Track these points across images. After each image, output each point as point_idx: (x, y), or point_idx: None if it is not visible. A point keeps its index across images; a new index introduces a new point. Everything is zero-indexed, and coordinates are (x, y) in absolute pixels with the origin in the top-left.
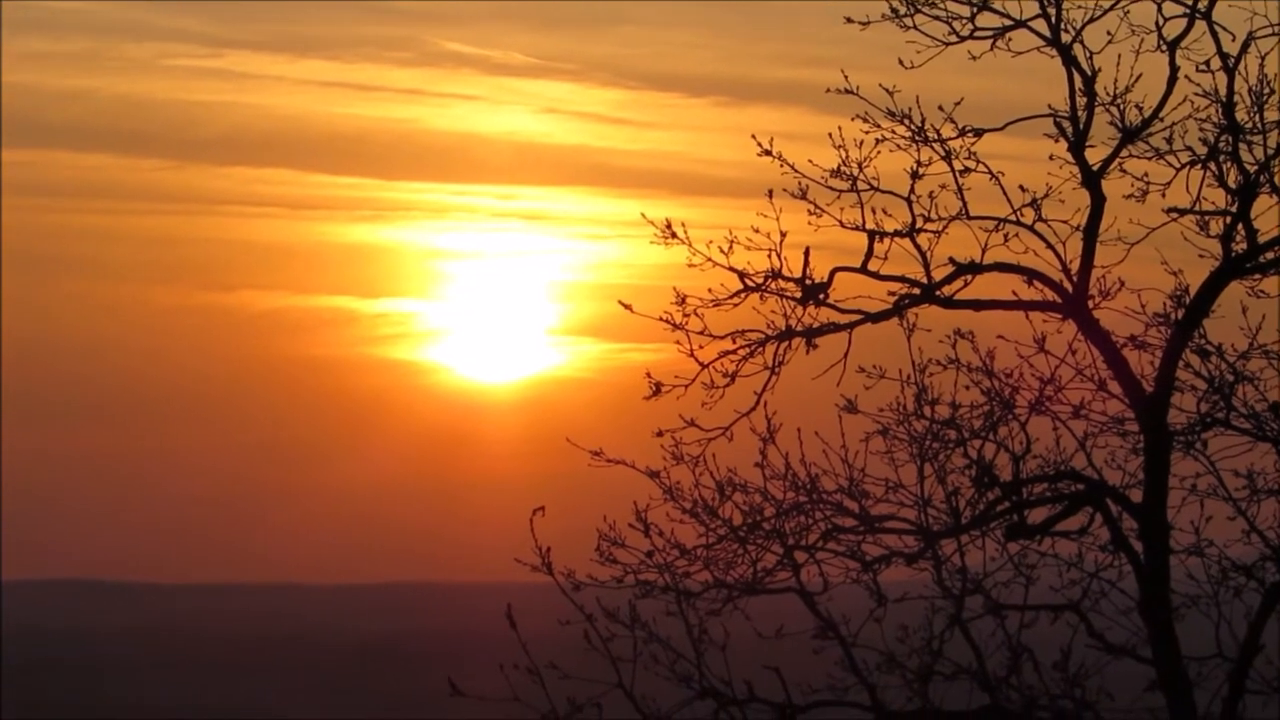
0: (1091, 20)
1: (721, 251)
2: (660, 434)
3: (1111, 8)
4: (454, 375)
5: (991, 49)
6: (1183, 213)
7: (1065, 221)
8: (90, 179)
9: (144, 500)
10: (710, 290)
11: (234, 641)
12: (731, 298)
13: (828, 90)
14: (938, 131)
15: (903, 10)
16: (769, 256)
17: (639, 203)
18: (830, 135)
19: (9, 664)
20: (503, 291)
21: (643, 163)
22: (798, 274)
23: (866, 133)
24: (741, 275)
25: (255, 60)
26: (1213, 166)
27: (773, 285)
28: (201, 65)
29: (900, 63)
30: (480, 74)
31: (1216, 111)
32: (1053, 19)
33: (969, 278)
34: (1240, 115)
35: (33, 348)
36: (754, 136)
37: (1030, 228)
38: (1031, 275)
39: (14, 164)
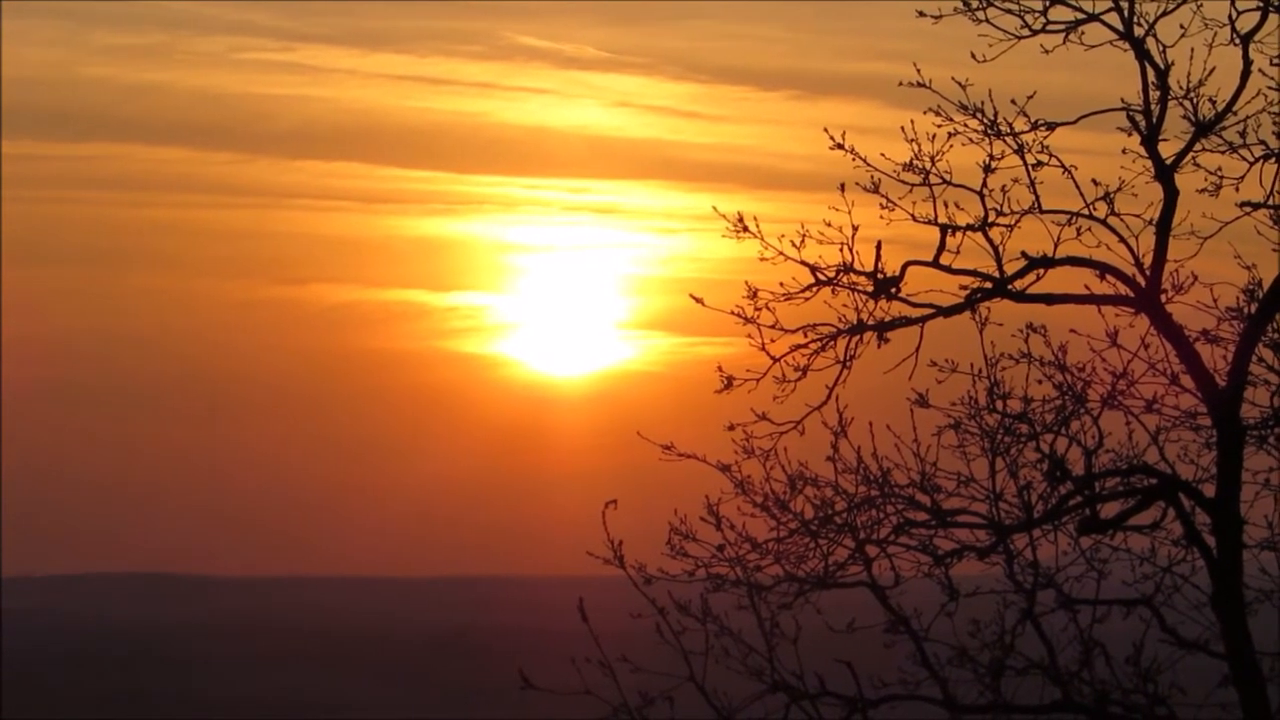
0: (1165, 14)
1: (793, 245)
2: (731, 428)
3: (1185, 1)
4: (525, 369)
5: (1064, 42)
6: (1256, 206)
7: (1138, 215)
8: (162, 173)
9: (217, 494)
10: (782, 284)
11: (306, 635)
12: (803, 291)
13: (900, 84)
14: (1010, 125)
15: (975, 4)
16: (841, 250)
17: (710, 196)
18: (903, 129)
19: (84, 658)
20: (574, 285)
21: (714, 156)
22: (870, 268)
23: (939, 126)
24: (813, 269)
25: (327, 54)
26: None
27: (845, 279)
28: (273, 59)
29: (973, 56)
30: (552, 67)
31: None
32: (1125, 12)
33: (1041, 272)
34: None
35: (106, 342)
36: (826, 130)
37: (1103, 222)
38: (1104, 269)
39: (87, 158)
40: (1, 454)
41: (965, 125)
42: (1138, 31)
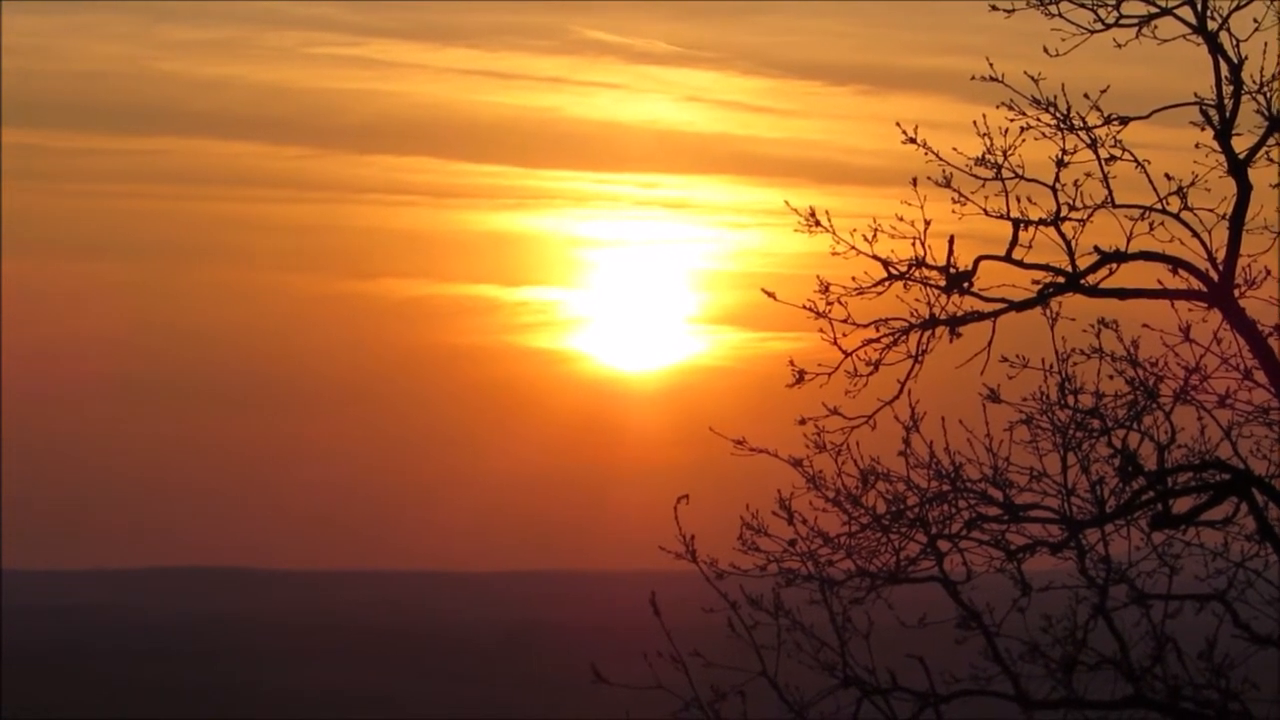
0: (1238, 8)
1: (865, 240)
2: (803, 422)
3: None
4: (595, 363)
5: (1137, 36)
6: None
7: (1211, 210)
8: (233, 167)
9: (287, 487)
10: (854, 279)
11: (375, 629)
12: (875, 286)
13: (972, 78)
14: (1083, 119)
15: None
16: (913, 245)
17: (780, 191)
18: (975, 123)
19: (153, 652)
20: (644, 280)
21: (784, 151)
22: (942, 262)
23: (1011, 121)
24: (886, 264)
25: (397, 48)
26: None
27: (917, 274)
28: (344, 53)
29: (1045, 50)
30: (622, 62)
31: None
32: (1199, 7)
33: (1113, 266)
34: None
35: (175, 337)
36: (898, 124)
37: (1176, 216)
38: (1176, 264)
39: (157, 152)
40: (71, 450)
41: (1038, 120)
42: (1211, 26)
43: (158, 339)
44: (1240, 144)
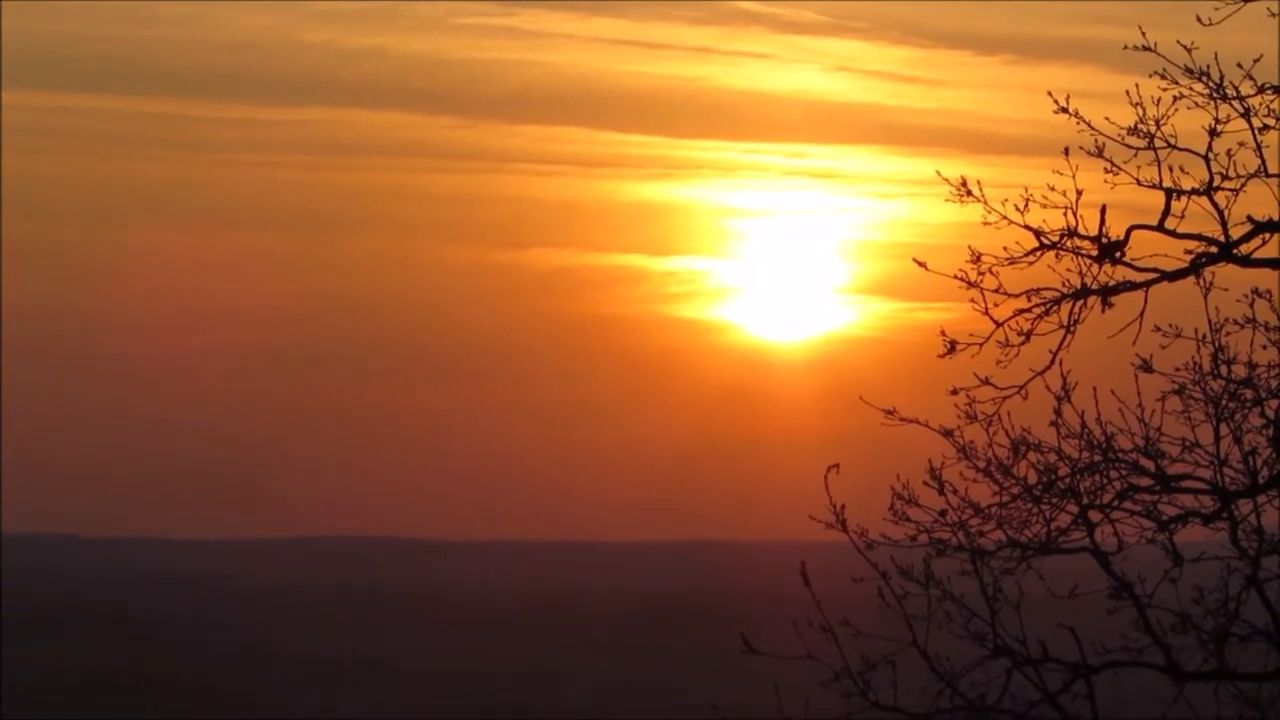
0: None
1: (1017, 209)
2: (955, 392)
3: None
4: (744, 333)
5: None
6: None
7: None
8: (382, 137)
9: (436, 458)
10: (1005, 249)
11: (525, 600)
12: (1027, 256)
13: (1124, 47)
14: (1236, 89)
15: None
16: (1064, 215)
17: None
18: (1127, 93)
19: (303, 621)
20: (793, 250)
21: (933, 121)
22: (1094, 232)
23: (1164, 90)
24: (1037, 233)
25: (546, 18)
26: None
27: (1069, 243)
28: (493, 23)
29: (1198, 19)
30: (771, 32)
31: None
32: None
33: (1267, 236)
34: None
35: (324, 307)
36: (1050, 94)
37: None
38: None
39: (306, 122)
40: (224, 420)
41: (1190, 89)
42: None
43: (309, 309)
44: None
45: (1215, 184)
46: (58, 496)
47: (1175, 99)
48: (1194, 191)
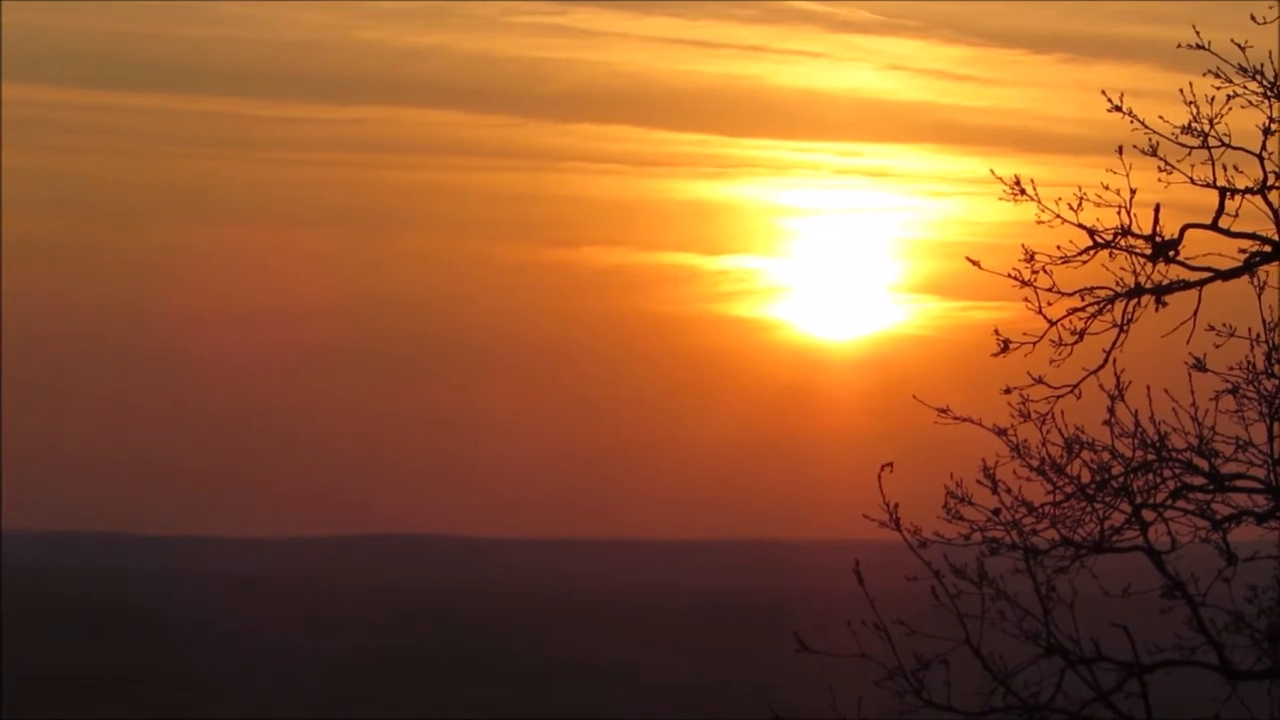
0: None
1: (1070, 208)
2: (1008, 391)
3: None
4: (796, 332)
5: None
6: None
7: None
8: (435, 136)
9: (489, 456)
10: (1059, 247)
11: (579, 597)
12: (1080, 255)
13: (1178, 46)
14: None
15: None
16: (1118, 213)
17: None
18: (1180, 91)
19: (351, 619)
20: (845, 248)
21: (986, 120)
22: (1148, 231)
23: (1218, 89)
24: (1091, 232)
25: (600, 17)
26: None
27: (1122, 242)
28: (546, 22)
29: (1252, 18)
30: (824, 31)
31: None
32: None
33: None
34: None
35: (377, 305)
36: (1104, 92)
37: None
38: None
39: (359, 120)
40: (276, 417)
41: (1244, 88)
42: None
43: (362, 307)
44: None
45: (1269, 183)
46: (111, 493)
47: (1229, 98)
48: (1248, 190)
